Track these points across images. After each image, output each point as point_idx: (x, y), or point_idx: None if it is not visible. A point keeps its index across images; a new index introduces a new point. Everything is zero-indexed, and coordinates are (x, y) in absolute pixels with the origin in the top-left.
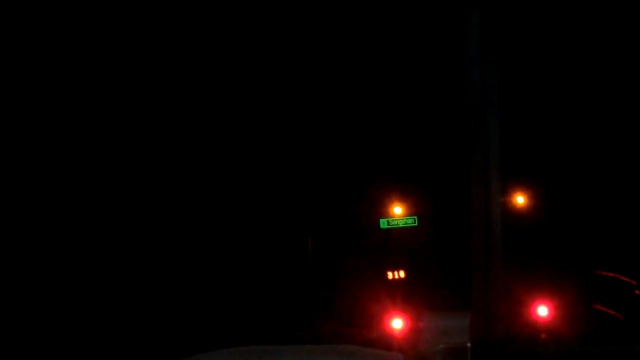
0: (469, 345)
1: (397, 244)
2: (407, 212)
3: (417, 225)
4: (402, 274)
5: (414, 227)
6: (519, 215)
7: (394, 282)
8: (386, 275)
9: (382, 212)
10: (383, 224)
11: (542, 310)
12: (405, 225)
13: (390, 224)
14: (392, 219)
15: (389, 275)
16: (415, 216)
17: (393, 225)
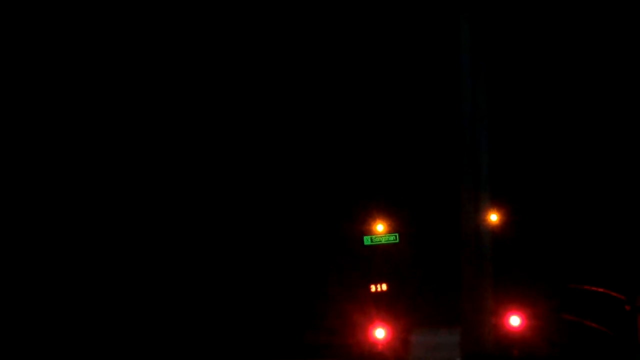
0: None
1: (380, 259)
2: (389, 230)
3: (398, 241)
4: (384, 287)
5: (395, 243)
6: (492, 232)
7: (377, 295)
8: (369, 289)
9: (366, 230)
10: (367, 240)
11: (515, 320)
12: (388, 242)
13: (373, 240)
14: (375, 236)
15: (372, 288)
16: (397, 233)
17: (376, 241)
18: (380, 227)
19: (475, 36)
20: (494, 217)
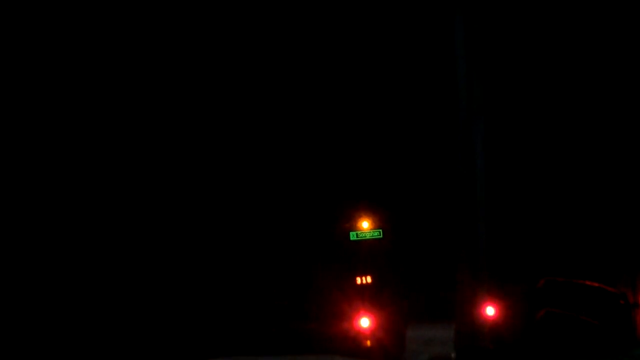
0: (453, 355)
1: (365, 254)
2: (374, 226)
3: (382, 237)
4: (369, 279)
5: (379, 238)
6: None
7: (362, 287)
8: (355, 281)
9: (352, 227)
10: (353, 236)
11: (490, 310)
12: (372, 237)
13: (359, 236)
14: (361, 232)
15: (358, 280)
16: (381, 229)
17: (361, 237)
18: (365, 224)
19: (470, 30)
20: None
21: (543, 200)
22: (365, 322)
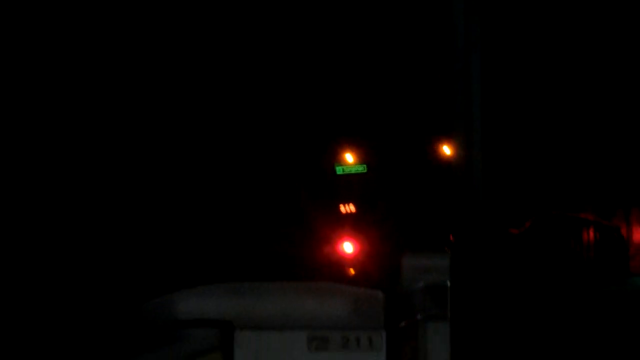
0: (448, 283)
1: (350, 186)
2: (359, 161)
3: (366, 171)
4: (352, 208)
5: (364, 172)
6: (447, 163)
7: (346, 215)
8: (339, 210)
9: (339, 161)
10: (339, 170)
11: (348, 247)
12: (357, 172)
13: (344, 170)
14: (347, 166)
15: (342, 209)
16: (365, 164)
17: (347, 171)
18: (350, 158)
19: None
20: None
21: (539, 137)
22: (348, 247)
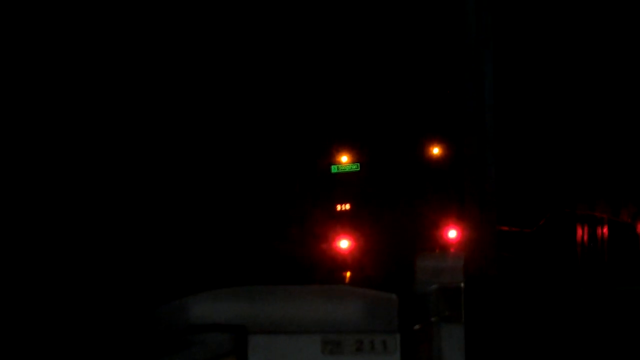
0: (462, 285)
1: (345, 184)
2: (352, 160)
3: (359, 170)
4: (347, 206)
5: (357, 171)
6: (436, 162)
7: (341, 213)
8: (335, 208)
9: (334, 161)
10: (334, 169)
11: (452, 233)
12: (351, 170)
13: (339, 169)
14: (341, 165)
15: (338, 207)
16: (359, 163)
17: (342, 170)
18: (344, 158)
19: None
20: (436, 150)
21: (551, 135)
22: (344, 243)
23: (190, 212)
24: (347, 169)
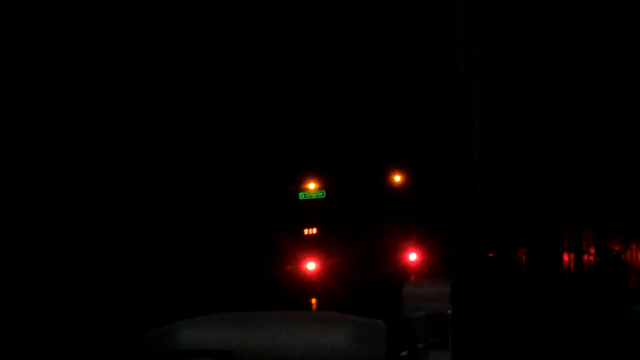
0: (449, 312)
1: (311, 210)
2: (319, 187)
3: (325, 196)
4: (314, 230)
5: (323, 197)
6: (397, 189)
7: (309, 237)
8: (303, 232)
9: (301, 188)
10: (301, 195)
11: (412, 256)
12: (317, 197)
13: (306, 196)
14: (308, 192)
15: (305, 231)
16: (324, 190)
17: (308, 197)
18: (312, 185)
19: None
20: (397, 178)
21: (539, 163)
22: (311, 265)
23: (163, 232)
24: (314, 195)
